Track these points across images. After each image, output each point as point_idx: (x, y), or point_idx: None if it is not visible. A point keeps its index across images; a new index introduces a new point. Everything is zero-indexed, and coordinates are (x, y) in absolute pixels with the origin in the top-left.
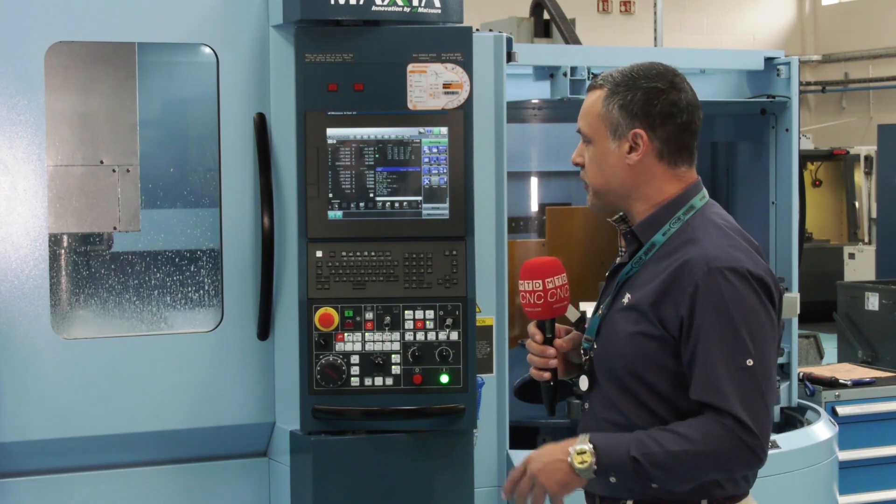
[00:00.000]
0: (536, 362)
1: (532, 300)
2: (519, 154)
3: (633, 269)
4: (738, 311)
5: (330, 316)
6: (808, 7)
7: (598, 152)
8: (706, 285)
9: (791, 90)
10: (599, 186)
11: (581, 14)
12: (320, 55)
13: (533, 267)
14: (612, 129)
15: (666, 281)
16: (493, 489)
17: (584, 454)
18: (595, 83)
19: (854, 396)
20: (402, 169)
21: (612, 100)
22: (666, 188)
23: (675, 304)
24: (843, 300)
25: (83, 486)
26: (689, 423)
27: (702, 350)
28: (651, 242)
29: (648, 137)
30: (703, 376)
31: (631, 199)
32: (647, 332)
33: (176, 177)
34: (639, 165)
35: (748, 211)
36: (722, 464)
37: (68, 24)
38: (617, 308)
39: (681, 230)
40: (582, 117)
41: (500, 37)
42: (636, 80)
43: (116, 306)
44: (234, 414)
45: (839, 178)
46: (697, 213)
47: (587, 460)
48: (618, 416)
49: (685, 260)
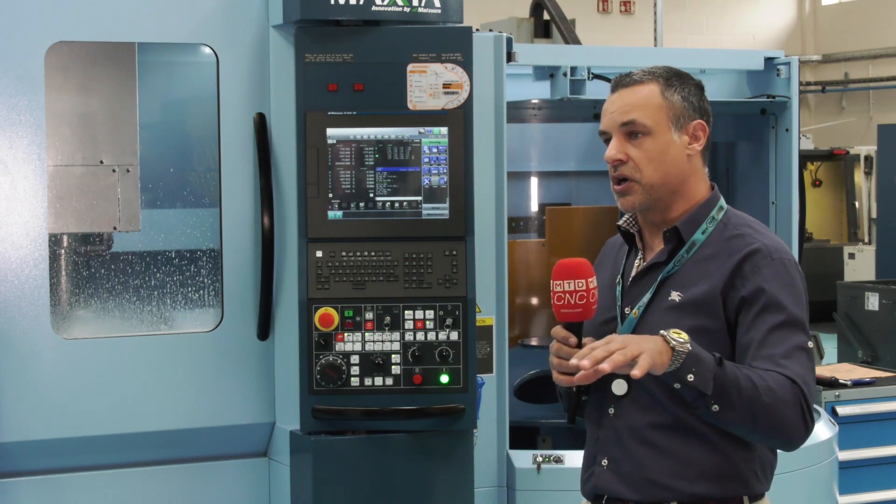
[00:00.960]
0: (567, 367)
1: (573, 300)
2: (519, 154)
3: (675, 267)
4: (801, 297)
5: (330, 316)
6: (808, 7)
7: (658, 144)
8: (776, 271)
9: (791, 90)
10: (656, 180)
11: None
12: (320, 55)
13: (573, 266)
14: (675, 120)
15: (731, 271)
16: (493, 489)
17: (681, 334)
18: (633, 79)
19: (854, 396)
20: (402, 169)
21: (670, 91)
22: (703, 187)
23: (738, 290)
24: (843, 300)
25: (83, 486)
26: (773, 375)
27: (764, 327)
28: (692, 241)
29: (705, 130)
30: (779, 348)
31: (676, 195)
32: (708, 327)
33: (176, 177)
34: (693, 159)
35: (748, 211)
36: (781, 415)
37: (68, 24)
38: (663, 306)
39: (720, 228)
40: (636, 109)
41: (500, 37)
42: (681, 76)
43: (116, 306)
44: (234, 414)
45: (839, 178)
46: (727, 212)
47: (685, 338)
48: (663, 417)
49: (748, 252)
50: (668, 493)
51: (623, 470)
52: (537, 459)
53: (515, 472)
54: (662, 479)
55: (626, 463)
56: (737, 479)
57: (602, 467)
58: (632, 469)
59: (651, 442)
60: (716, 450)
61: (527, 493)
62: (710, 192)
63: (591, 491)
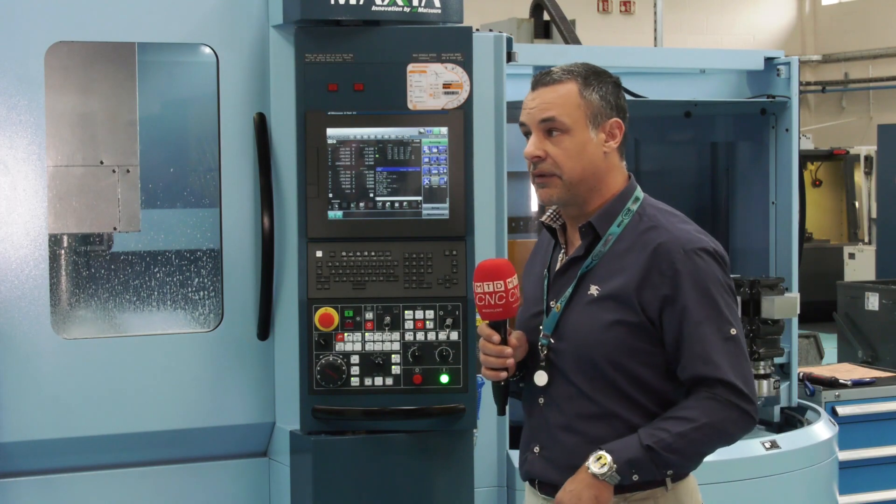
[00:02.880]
0: (494, 363)
1: (493, 301)
2: (519, 154)
3: (594, 261)
4: (714, 287)
5: (330, 316)
6: (807, 7)
7: (576, 142)
8: (685, 267)
9: (791, 90)
10: (574, 176)
11: (581, 14)
12: (320, 55)
13: (491, 268)
14: (592, 119)
15: (644, 267)
16: (493, 489)
17: (601, 458)
18: (552, 78)
19: (854, 396)
20: (402, 169)
21: (588, 90)
22: (618, 180)
23: (655, 288)
24: (843, 300)
25: (83, 486)
26: (682, 405)
27: (689, 328)
28: (608, 234)
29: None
30: (694, 351)
31: (593, 190)
32: (627, 320)
33: (176, 177)
34: (610, 156)
35: (748, 211)
36: (724, 431)
37: (68, 24)
38: (584, 301)
39: (635, 220)
40: (553, 108)
41: (500, 37)
42: (599, 74)
43: (116, 306)
44: (234, 414)
45: (839, 178)
46: (642, 203)
47: (606, 461)
48: (590, 406)
49: (658, 244)
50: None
51: (552, 456)
52: None
53: (515, 472)
54: None
55: (554, 450)
56: None
57: (534, 454)
58: (560, 456)
59: (577, 430)
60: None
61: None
62: (627, 184)
63: (525, 475)
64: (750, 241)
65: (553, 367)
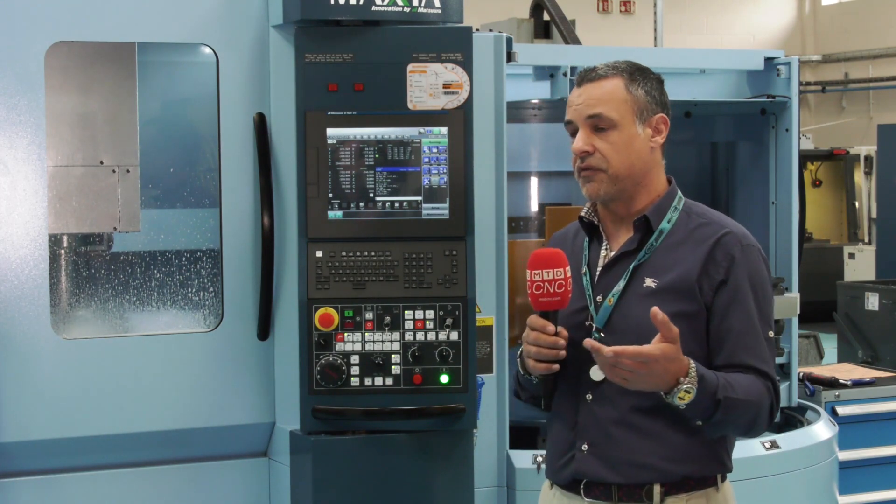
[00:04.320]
0: (547, 355)
1: (552, 289)
2: (519, 154)
3: (646, 255)
4: (765, 285)
5: (330, 316)
6: (808, 7)
7: (624, 136)
8: (743, 258)
9: (791, 90)
10: (622, 171)
11: (581, 14)
12: (320, 55)
13: (551, 256)
14: (639, 113)
15: (704, 258)
16: (493, 489)
17: (688, 394)
18: (598, 74)
19: (854, 396)
20: (402, 169)
21: (634, 85)
22: (662, 178)
23: (712, 277)
24: (843, 300)
25: (83, 486)
26: (748, 377)
27: (741, 316)
28: (660, 229)
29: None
30: (747, 343)
31: (639, 186)
32: (686, 311)
33: (176, 177)
34: (655, 152)
35: (748, 211)
36: (760, 417)
37: (68, 24)
38: (639, 293)
39: (683, 217)
40: (601, 103)
41: (500, 37)
42: (643, 71)
43: (116, 306)
44: (234, 414)
45: (839, 178)
46: (686, 202)
47: (685, 399)
48: (645, 400)
49: (718, 238)
50: (654, 475)
51: (606, 454)
52: (537, 459)
53: (515, 472)
54: (647, 461)
55: (608, 447)
56: (714, 459)
57: (583, 452)
58: (616, 452)
59: (633, 425)
60: (695, 431)
61: (527, 493)
62: (671, 185)
63: (569, 476)
64: None
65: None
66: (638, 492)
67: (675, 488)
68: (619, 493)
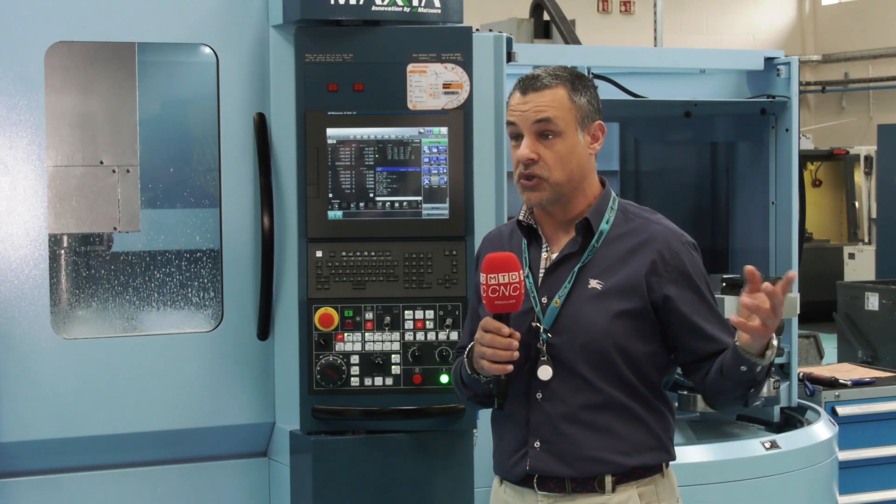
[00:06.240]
0: (503, 356)
1: (507, 292)
2: None
3: (589, 256)
4: (705, 276)
5: (330, 316)
6: (807, 7)
7: (567, 145)
8: (687, 254)
9: (791, 90)
10: (563, 179)
11: (581, 14)
12: (320, 55)
13: (505, 259)
14: (581, 121)
15: (647, 257)
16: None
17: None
18: (542, 83)
19: (854, 396)
20: (402, 169)
21: (577, 94)
22: (596, 181)
23: (660, 274)
24: (843, 300)
25: (83, 486)
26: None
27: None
28: (600, 230)
29: (603, 130)
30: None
31: (577, 191)
32: (631, 309)
33: (176, 177)
34: (593, 157)
35: (748, 211)
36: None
37: (68, 24)
38: (586, 294)
39: (620, 217)
40: (549, 109)
41: (500, 37)
42: (582, 78)
43: (116, 306)
44: (234, 414)
45: (839, 178)
46: (620, 202)
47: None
48: (594, 396)
49: (657, 236)
50: (605, 467)
51: (559, 449)
52: None
53: None
54: (599, 455)
55: (560, 443)
56: (660, 448)
57: (535, 449)
58: (568, 448)
59: (584, 421)
60: (643, 423)
61: None
62: (604, 187)
63: (521, 472)
64: (750, 241)
65: (556, 360)
66: (590, 483)
67: (626, 477)
68: (571, 485)
